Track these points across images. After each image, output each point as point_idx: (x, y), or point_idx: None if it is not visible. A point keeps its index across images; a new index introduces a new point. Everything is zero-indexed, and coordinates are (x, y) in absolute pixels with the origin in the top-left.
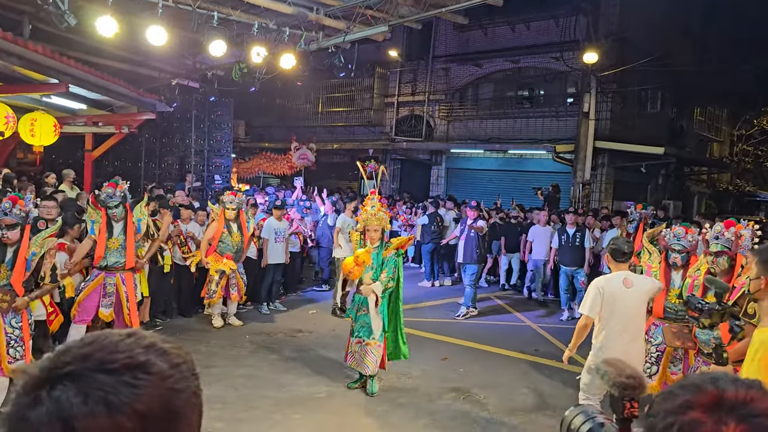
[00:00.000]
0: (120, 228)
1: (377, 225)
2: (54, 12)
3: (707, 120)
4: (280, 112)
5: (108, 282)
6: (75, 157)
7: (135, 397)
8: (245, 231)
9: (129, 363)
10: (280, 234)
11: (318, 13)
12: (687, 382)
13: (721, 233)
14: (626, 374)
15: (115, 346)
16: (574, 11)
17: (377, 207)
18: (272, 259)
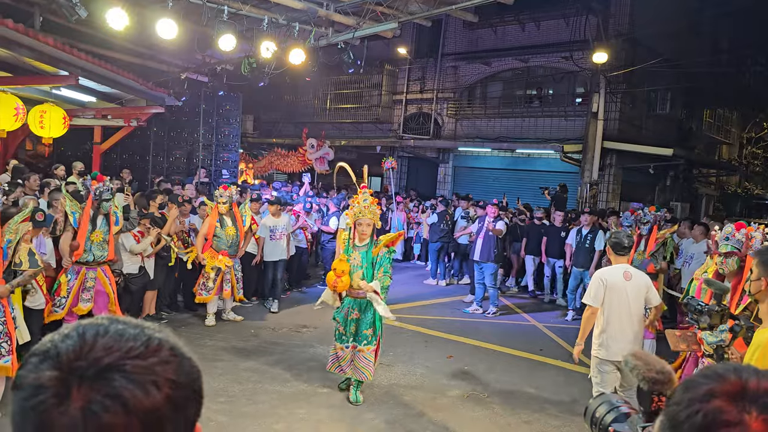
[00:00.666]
0: (102, 220)
1: (369, 219)
2: (65, 4)
3: (717, 122)
4: (289, 108)
5: (89, 276)
6: (84, 149)
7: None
8: (240, 225)
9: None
10: (276, 231)
11: (328, 9)
12: (709, 371)
13: (732, 234)
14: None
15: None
16: (584, 11)
17: (370, 200)
18: (269, 256)
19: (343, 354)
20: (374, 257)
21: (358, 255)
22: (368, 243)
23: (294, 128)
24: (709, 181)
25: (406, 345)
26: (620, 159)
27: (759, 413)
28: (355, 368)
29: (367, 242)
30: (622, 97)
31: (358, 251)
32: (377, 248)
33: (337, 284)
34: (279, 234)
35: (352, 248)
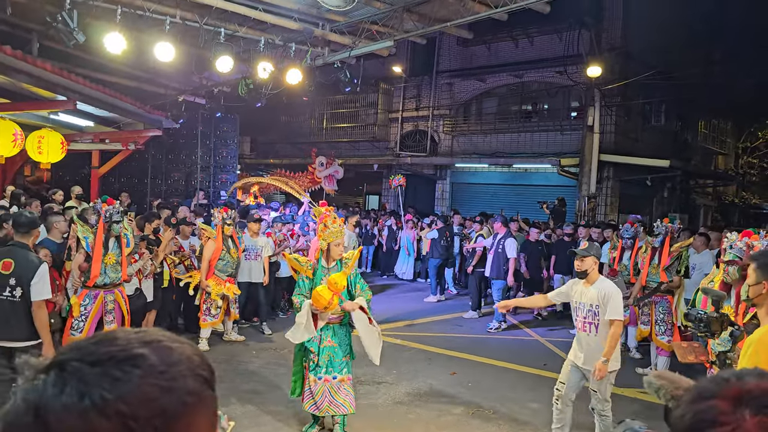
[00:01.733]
0: (113, 243)
1: (341, 239)
2: (63, 29)
3: (712, 133)
4: (285, 129)
5: (108, 299)
6: (82, 173)
7: (117, 393)
8: (239, 247)
9: (119, 355)
10: (252, 251)
11: (324, 29)
12: (717, 377)
13: (735, 243)
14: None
15: (114, 339)
16: (577, 26)
17: (339, 220)
18: (243, 276)
19: (317, 387)
20: (347, 277)
21: None
22: (336, 263)
23: (291, 148)
24: (707, 191)
25: (409, 363)
26: (617, 171)
27: (753, 414)
28: (334, 403)
29: (335, 264)
30: (617, 110)
31: (329, 273)
32: (349, 267)
33: (333, 301)
34: (255, 254)
35: (323, 272)
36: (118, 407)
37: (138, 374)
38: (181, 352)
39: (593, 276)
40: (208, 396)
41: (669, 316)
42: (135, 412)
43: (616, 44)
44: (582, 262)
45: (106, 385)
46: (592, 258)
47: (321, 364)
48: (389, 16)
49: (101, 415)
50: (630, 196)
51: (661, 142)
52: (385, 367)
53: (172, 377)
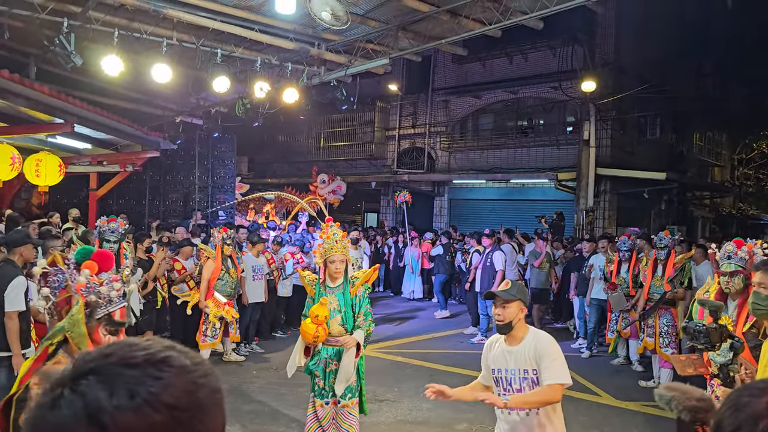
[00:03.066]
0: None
1: (342, 255)
2: (60, 53)
3: (707, 145)
4: (282, 148)
5: None
6: (80, 196)
7: (162, 388)
8: (238, 268)
9: (150, 358)
10: (258, 271)
11: (320, 48)
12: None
13: (734, 252)
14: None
15: (135, 345)
16: (570, 41)
17: (340, 234)
18: (252, 297)
19: (323, 412)
20: (352, 299)
21: (334, 298)
22: (342, 283)
23: (288, 168)
24: (704, 203)
25: (411, 380)
26: (614, 185)
27: None
28: (339, 428)
29: (340, 282)
30: (612, 123)
31: (333, 293)
32: (355, 288)
33: (319, 335)
34: (260, 274)
35: (324, 291)
36: (165, 400)
37: (174, 372)
38: (196, 355)
39: (520, 330)
40: (223, 396)
41: (673, 328)
42: (180, 404)
43: (609, 59)
44: (504, 309)
45: (150, 382)
46: (518, 303)
47: (327, 389)
48: (384, 35)
49: (153, 409)
50: (627, 209)
51: (657, 155)
52: (387, 384)
53: (202, 374)
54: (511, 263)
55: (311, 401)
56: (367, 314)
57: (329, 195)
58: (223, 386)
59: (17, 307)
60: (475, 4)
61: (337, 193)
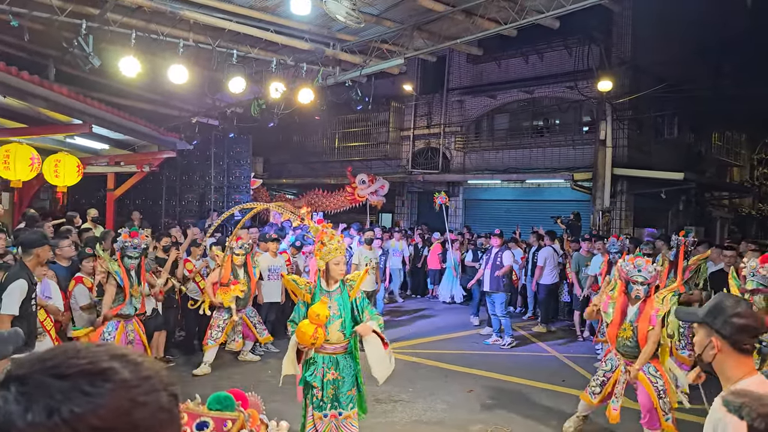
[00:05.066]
0: (134, 275)
1: (341, 257)
2: (79, 54)
3: (726, 144)
4: (297, 149)
5: (129, 329)
6: (97, 196)
7: (89, 407)
8: (252, 277)
9: (87, 369)
10: (274, 271)
11: (335, 49)
12: None
13: (757, 270)
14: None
15: (78, 351)
16: (586, 40)
17: (338, 237)
18: (267, 297)
19: (323, 425)
20: (352, 302)
21: (334, 302)
22: (339, 286)
23: (303, 168)
24: (722, 203)
25: (426, 380)
26: (631, 185)
27: None
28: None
29: (338, 286)
30: (629, 123)
31: (331, 297)
32: (354, 290)
33: (318, 336)
34: (275, 274)
35: (320, 295)
36: (90, 422)
37: (109, 388)
38: (151, 366)
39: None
40: (177, 414)
41: (689, 330)
42: (107, 426)
43: (626, 58)
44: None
45: (77, 400)
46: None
47: (326, 400)
48: (399, 35)
49: (72, 431)
50: (644, 209)
51: (675, 154)
52: (401, 385)
53: (145, 392)
54: (552, 265)
55: (309, 415)
56: (372, 311)
57: (371, 196)
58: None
59: (8, 311)
60: (490, 3)
61: (378, 194)
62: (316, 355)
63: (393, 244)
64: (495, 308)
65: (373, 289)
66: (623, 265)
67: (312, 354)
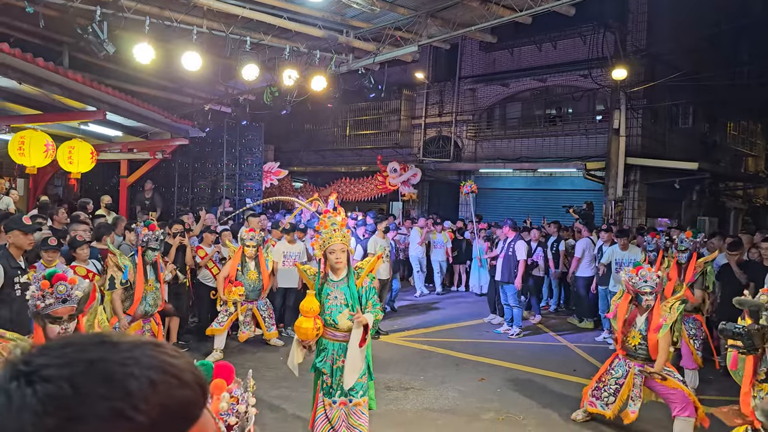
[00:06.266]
0: (150, 269)
1: (342, 244)
2: (93, 41)
3: (741, 134)
4: (309, 137)
5: (145, 329)
6: (111, 183)
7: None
8: (263, 268)
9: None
10: (290, 257)
11: (348, 36)
12: None
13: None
14: None
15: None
16: (601, 28)
17: (339, 223)
18: (280, 282)
19: (332, 412)
20: (359, 290)
21: (340, 293)
22: (346, 275)
23: (314, 156)
24: (737, 194)
25: (437, 368)
26: (644, 175)
27: None
28: (351, 427)
29: (344, 274)
30: (643, 112)
31: (338, 287)
32: (360, 279)
33: (319, 327)
34: (293, 261)
35: (328, 285)
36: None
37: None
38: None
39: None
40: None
41: (700, 331)
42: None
43: (641, 46)
44: None
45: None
46: None
47: (335, 387)
48: (413, 22)
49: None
50: (658, 199)
51: (689, 144)
52: (412, 373)
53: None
54: (589, 257)
55: (320, 402)
56: (375, 304)
57: (402, 186)
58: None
59: None
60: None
61: (410, 182)
62: (326, 342)
63: (435, 236)
64: (507, 298)
65: (386, 277)
66: (629, 277)
67: (316, 344)
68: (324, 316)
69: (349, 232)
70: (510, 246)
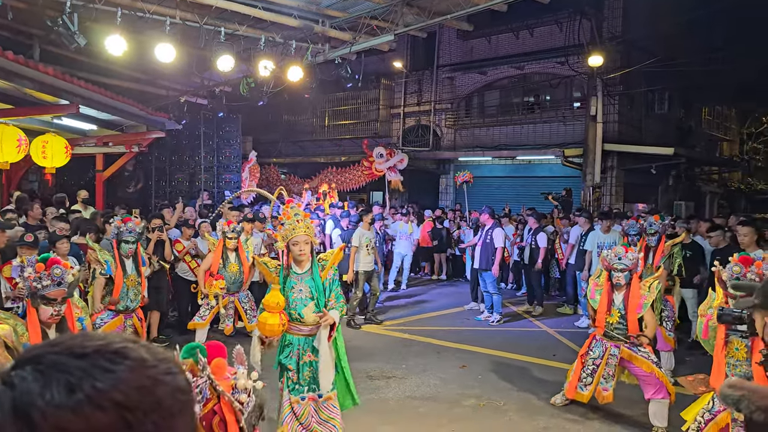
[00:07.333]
0: (131, 264)
1: (306, 235)
2: (64, 33)
3: (716, 119)
4: (287, 128)
5: (127, 323)
6: (87, 177)
7: (112, 383)
8: (244, 260)
9: (103, 348)
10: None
11: (324, 26)
12: None
13: (743, 274)
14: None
15: (90, 335)
16: (577, 15)
17: (302, 213)
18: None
19: (300, 409)
20: (323, 282)
21: (304, 285)
22: (310, 267)
23: (293, 147)
24: (712, 178)
25: (419, 357)
26: (621, 161)
27: None
28: (323, 423)
29: (308, 267)
30: (619, 99)
31: (302, 280)
32: (325, 271)
33: (284, 323)
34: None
35: (291, 278)
36: (113, 397)
37: (129, 365)
38: (163, 351)
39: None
40: (193, 399)
41: (671, 312)
42: (132, 403)
43: (616, 33)
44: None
45: (98, 376)
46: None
47: (302, 383)
48: (389, 11)
49: (96, 408)
50: (635, 185)
51: (665, 129)
52: (394, 361)
53: (164, 371)
54: None
55: (286, 399)
56: (338, 296)
57: (388, 172)
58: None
59: None
60: None
61: (397, 168)
62: (291, 337)
63: (401, 226)
64: (486, 285)
65: (372, 269)
66: (605, 254)
67: (287, 336)
68: (289, 310)
69: (313, 223)
70: (488, 234)
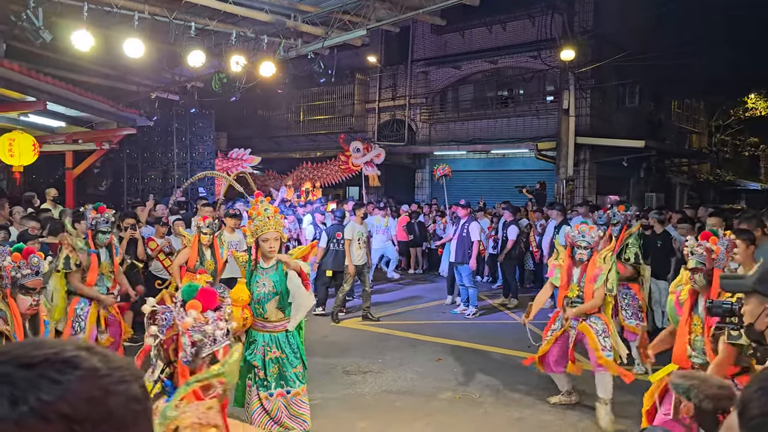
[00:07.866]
0: (105, 254)
1: (275, 232)
2: (29, 28)
3: (685, 112)
4: (262, 123)
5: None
6: (56, 175)
7: (58, 394)
8: (218, 256)
9: (52, 357)
10: (231, 246)
11: (296, 20)
12: None
13: (695, 248)
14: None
15: (40, 343)
16: (549, 9)
17: (271, 209)
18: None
19: (270, 405)
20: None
21: (268, 280)
22: (276, 263)
23: (268, 142)
24: (682, 170)
25: (395, 351)
26: (594, 154)
27: None
28: (293, 417)
29: (274, 261)
30: (591, 92)
31: (266, 274)
32: (289, 264)
33: (247, 317)
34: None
35: (257, 273)
36: (60, 408)
37: (79, 375)
38: (119, 358)
39: None
40: (149, 407)
41: (634, 300)
42: (80, 415)
43: (588, 27)
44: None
45: (44, 388)
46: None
47: (270, 379)
48: (361, 5)
49: (41, 420)
50: (607, 177)
51: (636, 123)
52: (370, 356)
53: (116, 381)
54: None
55: (254, 395)
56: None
57: (366, 167)
58: None
59: None
60: None
61: (374, 163)
62: (256, 334)
63: (377, 221)
64: (462, 278)
65: (364, 262)
66: (569, 231)
67: (252, 333)
68: (253, 305)
69: (282, 218)
70: (464, 227)
